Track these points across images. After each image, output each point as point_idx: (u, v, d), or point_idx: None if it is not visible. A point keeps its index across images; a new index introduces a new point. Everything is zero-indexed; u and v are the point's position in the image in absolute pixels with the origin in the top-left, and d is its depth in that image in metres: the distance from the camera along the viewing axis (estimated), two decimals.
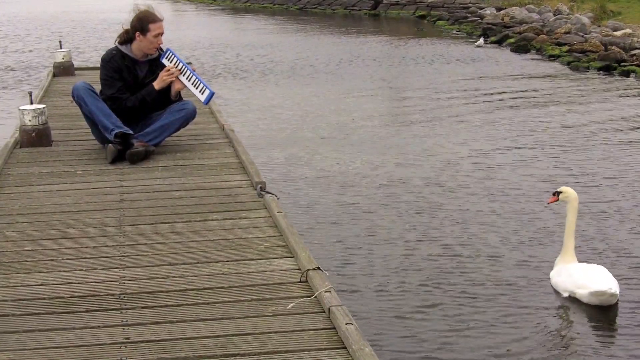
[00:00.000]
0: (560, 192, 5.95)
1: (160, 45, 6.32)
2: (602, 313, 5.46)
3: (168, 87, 6.34)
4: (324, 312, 3.41)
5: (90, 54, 20.01)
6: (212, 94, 6.35)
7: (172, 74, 6.28)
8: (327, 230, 7.06)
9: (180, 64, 6.33)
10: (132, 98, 6.29)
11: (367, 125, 11.72)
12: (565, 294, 5.68)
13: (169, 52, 6.37)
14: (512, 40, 21.47)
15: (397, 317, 5.40)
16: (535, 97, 14.04)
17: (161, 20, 6.29)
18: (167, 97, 6.38)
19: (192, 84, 6.32)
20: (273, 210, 4.78)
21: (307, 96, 14.27)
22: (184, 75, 6.31)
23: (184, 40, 22.91)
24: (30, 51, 21.17)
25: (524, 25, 23.15)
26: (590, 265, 5.86)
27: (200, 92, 6.31)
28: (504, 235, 6.91)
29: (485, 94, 14.36)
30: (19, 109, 6.63)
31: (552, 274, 5.92)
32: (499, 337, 5.13)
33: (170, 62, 6.34)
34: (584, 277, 5.61)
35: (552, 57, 18.84)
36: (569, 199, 5.91)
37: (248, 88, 15.26)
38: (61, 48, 10.99)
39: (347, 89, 14.99)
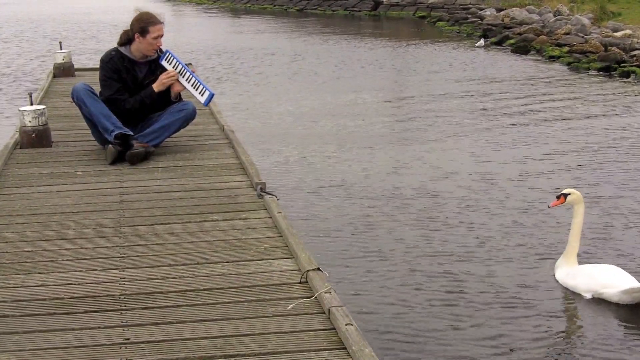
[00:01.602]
0: (567, 195, 5.92)
1: (160, 47, 6.33)
2: (631, 311, 5.44)
3: (168, 88, 6.34)
4: (324, 312, 3.41)
5: (89, 55, 20.00)
6: (211, 95, 6.35)
7: (172, 77, 6.28)
8: (327, 231, 7.06)
9: (180, 66, 6.34)
10: (131, 100, 6.29)
11: (368, 126, 11.72)
12: (588, 295, 5.62)
13: (168, 53, 6.37)
14: (512, 41, 21.47)
15: (398, 317, 5.39)
16: (535, 98, 14.04)
17: (161, 23, 6.29)
18: (167, 99, 6.38)
19: (192, 86, 6.32)
20: (273, 211, 4.77)
21: (307, 97, 14.27)
22: (183, 77, 6.32)
23: (183, 41, 22.92)
24: (30, 52, 21.17)
25: (524, 26, 23.16)
26: (603, 265, 5.81)
27: (200, 93, 6.31)
28: (506, 236, 6.89)
29: (486, 96, 14.36)
30: (19, 110, 6.63)
31: (561, 277, 5.85)
32: (504, 338, 5.12)
33: (170, 64, 6.34)
34: (608, 277, 5.55)
35: (552, 58, 18.85)
36: (576, 201, 5.89)
37: (248, 89, 15.26)
38: (61, 49, 11.00)
39: (348, 90, 15.00)
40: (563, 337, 5.19)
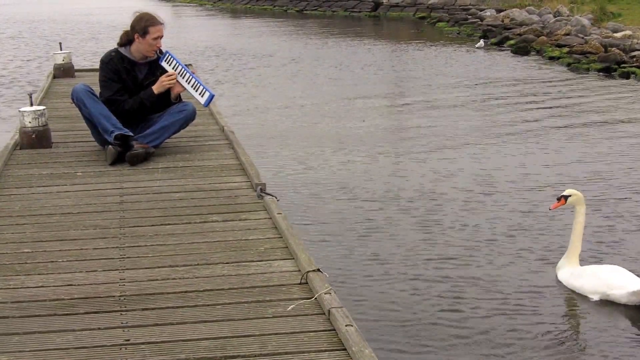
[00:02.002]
0: (568, 196, 5.88)
1: (160, 47, 6.32)
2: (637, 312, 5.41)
3: (168, 89, 6.33)
4: (324, 313, 3.41)
5: (89, 56, 20.01)
6: (212, 96, 6.34)
7: (172, 79, 6.27)
8: (327, 232, 7.06)
9: (180, 67, 6.33)
10: (130, 101, 6.29)
11: (368, 128, 11.72)
12: (595, 297, 5.56)
13: (167, 54, 6.36)
14: (512, 42, 21.48)
15: (398, 318, 5.39)
16: (535, 100, 14.04)
17: (161, 24, 6.28)
18: (167, 100, 6.38)
19: (192, 87, 6.32)
20: (273, 211, 4.77)
21: (307, 99, 14.27)
22: (183, 78, 6.31)
23: (184, 42, 22.92)
24: (30, 53, 21.16)
25: (524, 27, 23.17)
26: (608, 265, 5.77)
27: (200, 94, 6.31)
28: (507, 239, 6.89)
29: (486, 97, 14.36)
30: (19, 111, 6.63)
31: (565, 278, 5.79)
32: (508, 341, 5.10)
33: (170, 65, 6.33)
34: (615, 278, 5.51)
35: (552, 59, 18.85)
36: (577, 202, 5.86)
37: (248, 90, 15.26)
38: (61, 50, 11.00)
39: (348, 92, 15.00)
40: (571, 341, 5.13)
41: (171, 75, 6.28)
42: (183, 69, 6.33)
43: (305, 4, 35.25)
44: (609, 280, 5.53)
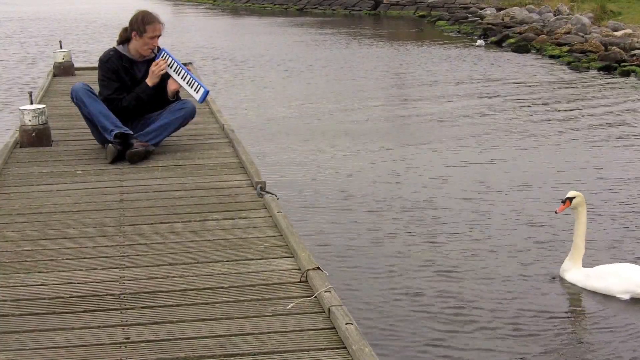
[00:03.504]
0: (573, 198, 5.83)
1: (157, 46, 6.30)
2: None
3: (165, 85, 6.33)
4: (324, 312, 3.40)
5: (89, 54, 20.01)
6: (206, 92, 6.34)
7: (160, 65, 6.24)
8: (327, 230, 7.05)
9: (175, 64, 6.32)
10: (128, 97, 6.28)
11: (368, 126, 11.72)
12: (626, 296, 5.48)
13: (163, 52, 6.34)
14: (512, 40, 21.48)
15: (398, 316, 5.38)
16: (535, 98, 14.04)
17: (159, 23, 6.27)
18: (164, 97, 6.37)
19: (187, 83, 6.31)
20: (273, 210, 4.77)
21: (307, 97, 14.27)
22: (178, 75, 6.30)
23: (184, 41, 22.91)
24: (30, 51, 21.16)
25: (524, 25, 23.17)
26: (622, 264, 5.71)
27: (194, 90, 6.31)
28: (510, 236, 6.88)
29: (485, 95, 14.35)
30: (19, 109, 6.63)
31: (580, 279, 5.70)
32: (511, 341, 5.11)
33: (165, 62, 6.32)
34: None
35: (553, 58, 18.86)
36: (580, 204, 5.82)
37: (248, 88, 15.26)
38: (61, 48, 10.99)
39: (348, 90, 15.00)
40: (608, 344, 4.99)
41: (159, 62, 6.24)
42: (178, 66, 6.33)
43: (305, 2, 35.25)
44: (639, 279, 5.46)
